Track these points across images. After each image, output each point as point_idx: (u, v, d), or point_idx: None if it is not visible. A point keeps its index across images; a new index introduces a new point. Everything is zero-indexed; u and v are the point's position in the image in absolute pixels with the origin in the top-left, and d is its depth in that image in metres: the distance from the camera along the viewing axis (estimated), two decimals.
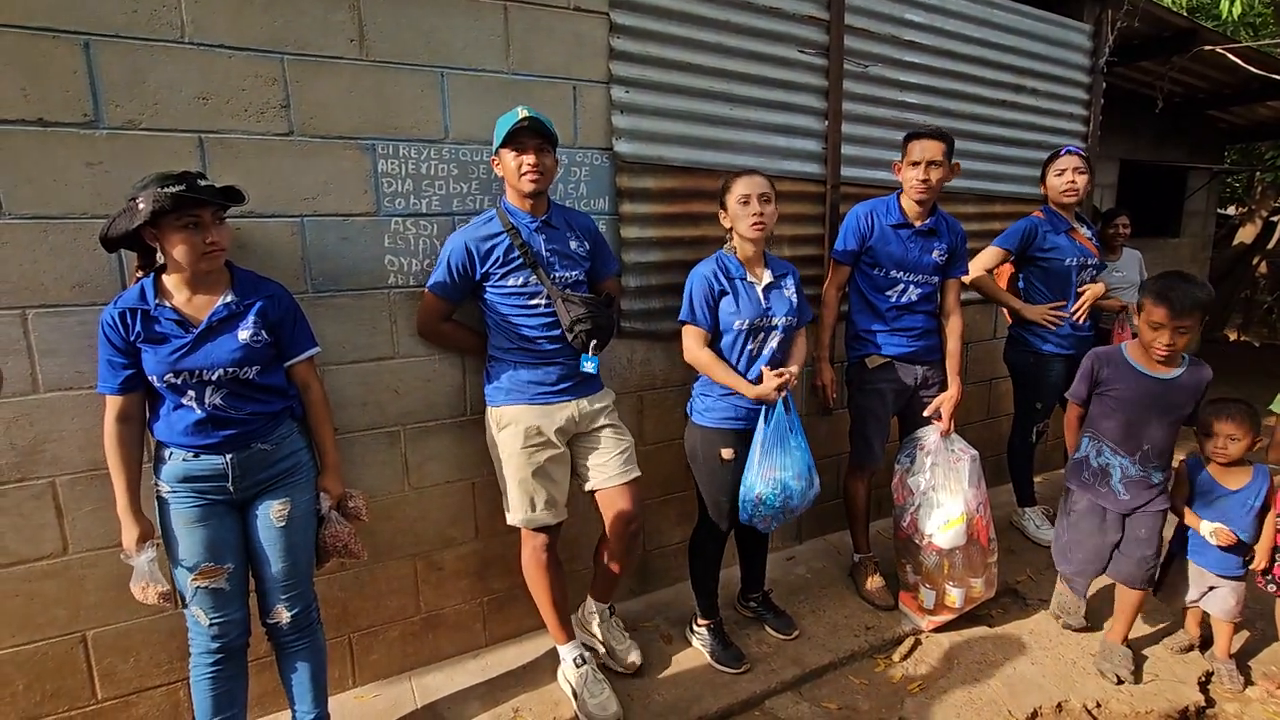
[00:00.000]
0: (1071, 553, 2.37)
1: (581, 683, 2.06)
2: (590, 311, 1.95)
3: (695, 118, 2.46)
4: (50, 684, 1.79)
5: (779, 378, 2.04)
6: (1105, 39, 3.53)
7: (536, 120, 1.82)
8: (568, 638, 2.13)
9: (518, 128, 1.82)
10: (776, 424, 2.07)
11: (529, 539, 2.06)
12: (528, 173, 1.87)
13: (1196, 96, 5.08)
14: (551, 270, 1.96)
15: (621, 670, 2.21)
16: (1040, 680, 2.26)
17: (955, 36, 3.06)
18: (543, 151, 1.87)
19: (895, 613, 2.56)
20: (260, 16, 1.78)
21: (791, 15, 2.61)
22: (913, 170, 2.37)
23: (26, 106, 1.58)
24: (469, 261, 1.92)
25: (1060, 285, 2.90)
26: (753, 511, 2.10)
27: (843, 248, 2.51)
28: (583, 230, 2.08)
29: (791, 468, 2.07)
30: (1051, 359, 2.93)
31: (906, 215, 2.45)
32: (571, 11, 2.19)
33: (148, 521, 1.62)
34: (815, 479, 2.15)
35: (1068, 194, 2.82)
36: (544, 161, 1.88)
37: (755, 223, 2.05)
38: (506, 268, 1.92)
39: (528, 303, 1.95)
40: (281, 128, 1.84)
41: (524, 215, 1.96)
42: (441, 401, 2.16)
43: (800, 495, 2.10)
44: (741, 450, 2.13)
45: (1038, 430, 3.07)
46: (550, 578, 2.06)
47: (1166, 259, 5.26)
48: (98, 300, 1.66)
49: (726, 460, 2.14)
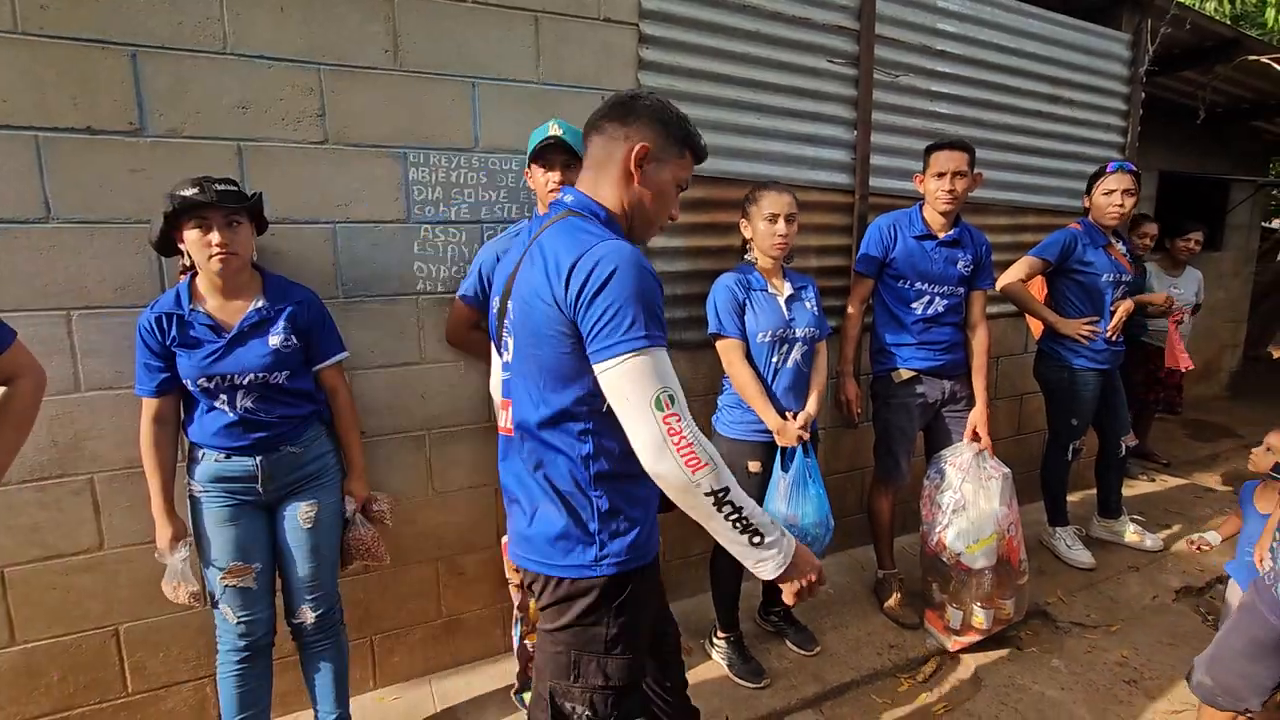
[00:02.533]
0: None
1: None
2: None
3: (723, 128, 2.46)
4: (84, 676, 1.84)
5: (801, 428, 2.05)
6: (1145, 48, 3.46)
7: (562, 139, 1.83)
8: None
9: (545, 145, 1.84)
10: (797, 470, 2.06)
11: None
12: (555, 190, 1.88)
13: (1240, 107, 4.94)
14: None
15: None
16: (1071, 706, 2.19)
17: (988, 46, 3.02)
18: (569, 169, 1.88)
19: (920, 631, 2.51)
20: (299, 28, 1.82)
21: (821, 25, 2.60)
22: (937, 181, 2.34)
23: (76, 115, 1.64)
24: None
25: (1095, 300, 2.84)
26: None
27: (865, 260, 2.49)
28: None
29: (812, 515, 2.06)
30: (1085, 374, 2.86)
31: (930, 226, 2.42)
32: (601, 22, 2.20)
33: (181, 522, 1.66)
34: (831, 524, 2.12)
35: (1112, 215, 2.78)
36: (570, 178, 1.88)
37: (779, 242, 2.07)
38: None
39: None
40: (317, 136, 1.88)
41: None
42: (466, 407, 2.18)
43: (819, 542, 2.08)
44: (768, 462, 2.11)
45: (1073, 448, 2.99)
46: None
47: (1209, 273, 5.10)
48: (139, 302, 1.71)
49: (754, 473, 2.12)
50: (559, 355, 1.13)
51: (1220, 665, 1.67)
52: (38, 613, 1.77)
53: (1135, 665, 2.38)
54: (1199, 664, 1.73)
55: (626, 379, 1.06)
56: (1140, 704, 2.21)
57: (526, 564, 1.25)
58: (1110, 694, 2.25)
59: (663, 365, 1.07)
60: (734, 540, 1.14)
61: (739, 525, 1.12)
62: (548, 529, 1.20)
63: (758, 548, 1.14)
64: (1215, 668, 1.68)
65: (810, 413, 2.13)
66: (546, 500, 1.21)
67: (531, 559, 1.24)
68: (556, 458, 1.19)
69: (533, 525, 1.23)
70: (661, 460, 1.06)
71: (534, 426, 1.19)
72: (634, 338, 1.06)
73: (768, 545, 1.15)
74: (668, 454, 1.05)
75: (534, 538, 1.22)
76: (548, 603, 1.24)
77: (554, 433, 1.18)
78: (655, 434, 1.05)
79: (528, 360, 1.18)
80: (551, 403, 1.16)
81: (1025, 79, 3.16)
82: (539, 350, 1.15)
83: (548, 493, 1.20)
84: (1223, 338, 5.92)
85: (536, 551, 1.22)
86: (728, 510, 1.11)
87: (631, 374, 1.06)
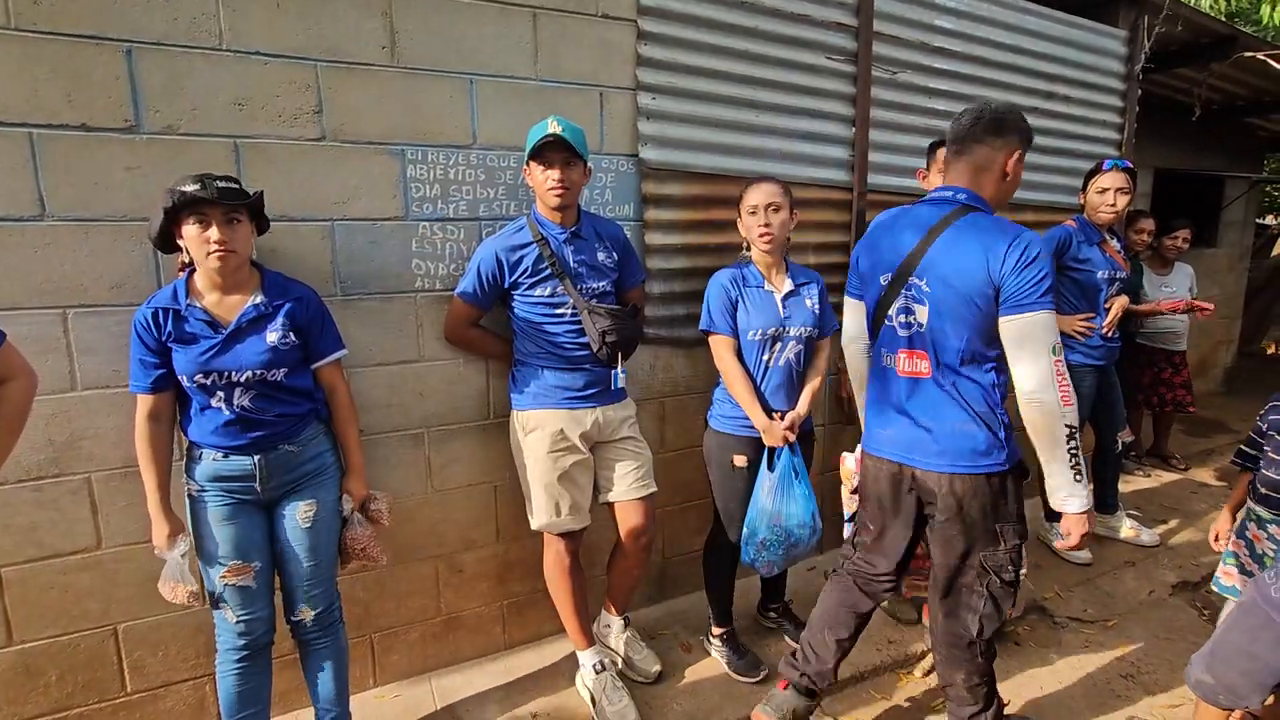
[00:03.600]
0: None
1: (600, 689, 2.05)
2: (616, 324, 1.95)
3: (722, 124, 2.46)
4: (82, 676, 1.83)
5: (788, 429, 2.05)
6: (1141, 45, 3.46)
7: (561, 137, 1.82)
8: (588, 644, 2.13)
9: (544, 143, 1.83)
10: (783, 469, 2.06)
11: (552, 544, 2.06)
12: (553, 188, 1.88)
13: (1235, 104, 4.94)
14: (580, 281, 1.97)
15: (642, 680, 2.19)
16: (1069, 701, 2.20)
17: (985, 43, 3.02)
18: (569, 166, 1.88)
19: (918, 627, 2.51)
20: (295, 24, 1.81)
21: (820, 22, 2.59)
22: (940, 178, 2.33)
23: (71, 112, 1.63)
24: (498, 270, 1.93)
25: (1090, 297, 2.86)
26: (755, 555, 2.10)
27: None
28: (611, 240, 2.08)
29: (796, 516, 2.06)
30: (1081, 371, 2.87)
31: None
32: (600, 19, 2.20)
33: (177, 519, 1.65)
34: (819, 525, 2.12)
35: (1105, 213, 2.79)
36: (569, 176, 1.88)
37: (762, 233, 2.05)
38: (535, 278, 1.93)
39: (554, 312, 1.96)
40: (314, 133, 1.87)
41: (554, 226, 1.97)
42: (465, 405, 2.17)
43: (804, 542, 2.09)
44: (755, 458, 2.12)
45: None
46: (573, 583, 2.06)
47: (1203, 269, 5.12)
48: (135, 301, 1.69)
49: (739, 467, 2.13)
50: (982, 314, 1.56)
51: (1220, 663, 1.67)
52: (35, 613, 1.76)
53: (1132, 660, 2.40)
54: (1197, 661, 1.73)
55: (1038, 327, 1.51)
56: (1138, 697, 2.22)
57: (946, 469, 1.64)
58: (1108, 688, 2.26)
59: (1054, 323, 1.52)
60: (1063, 469, 1.55)
61: (1073, 458, 1.54)
62: (967, 441, 1.62)
63: (1077, 483, 1.55)
64: (1215, 666, 1.68)
65: (800, 413, 2.11)
66: (967, 419, 1.62)
67: (959, 465, 1.63)
68: (974, 387, 1.62)
69: (950, 440, 1.63)
70: (1047, 391, 1.50)
71: (957, 366, 1.62)
72: (1047, 300, 1.50)
73: (1083, 485, 1.56)
74: (1052, 387, 1.50)
75: (950, 450, 1.63)
76: (970, 495, 1.63)
77: (972, 369, 1.62)
78: (1048, 371, 1.50)
79: (951, 318, 1.60)
80: (973, 347, 1.59)
81: (1023, 76, 3.16)
82: (965, 310, 1.57)
83: (968, 413, 1.62)
84: (1217, 334, 5.95)
85: (961, 458, 1.63)
86: (1072, 445, 1.53)
87: (1042, 324, 1.51)
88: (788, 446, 2.06)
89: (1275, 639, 1.56)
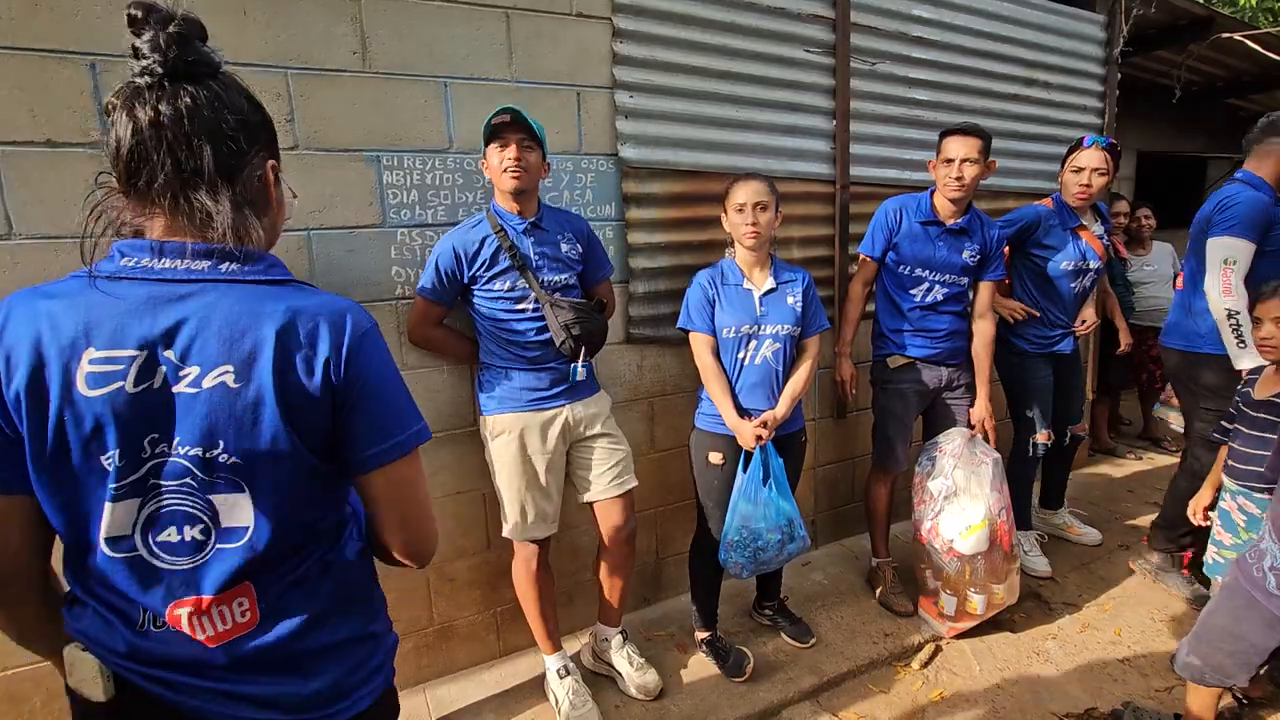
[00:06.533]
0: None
1: (565, 694, 2.05)
2: (579, 317, 1.91)
3: (701, 121, 2.44)
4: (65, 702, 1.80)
5: (759, 428, 2.00)
6: (1119, 29, 3.46)
7: (517, 112, 1.78)
8: (554, 648, 2.12)
9: (498, 122, 1.78)
10: (751, 472, 2.04)
11: (520, 549, 2.05)
12: (509, 167, 1.81)
13: (1215, 85, 4.97)
14: (540, 274, 1.92)
15: (643, 698, 2.14)
16: (1066, 687, 2.20)
17: (963, 31, 3.01)
18: (525, 147, 1.82)
19: (915, 619, 2.51)
20: (263, 32, 1.78)
21: (797, 15, 2.58)
22: (946, 168, 2.30)
23: (34, 128, 1.59)
24: (456, 264, 1.89)
25: (1045, 289, 2.71)
26: (726, 554, 2.10)
27: (869, 242, 2.46)
28: (575, 233, 2.04)
29: (768, 520, 2.04)
30: (1035, 360, 2.75)
31: (938, 213, 2.39)
32: (574, 18, 2.18)
33: None
34: (797, 534, 2.10)
35: (1078, 195, 2.62)
36: (526, 157, 1.83)
37: (749, 231, 2.02)
38: (494, 270, 1.89)
39: (515, 306, 1.91)
40: (287, 142, 1.84)
41: (512, 217, 1.92)
42: (450, 412, 2.15)
43: (775, 547, 2.07)
44: (733, 457, 2.10)
45: (1033, 442, 2.74)
46: (539, 589, 2.05)
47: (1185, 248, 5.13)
48: None
49: (714, 464, 2.11)
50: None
51: (1206, 644, 1.68)
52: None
53: (1128, 644, 2.40)
54: (1183, 646, 1.75)
55: (1225, 248, 2.37)
56: (1134, 681, 2.22)
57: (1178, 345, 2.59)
58: (1104, 673, 2.26)
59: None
60: (1229, 341, 2.31)
61: (1235, 332, 2.29)
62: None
63: (1242, 350, 2.28)
64: (1201, 647, 1.69)
65: (776, 415, 2.05)
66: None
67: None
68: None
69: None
70: (1213, 288, 2.34)
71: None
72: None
73: (1248, 350, 2.24)
74: (1216, 283, 2.34)
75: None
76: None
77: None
78: (1219, 276, 2.33)
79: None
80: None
81: (1002, 63, 3.15)
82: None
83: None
84: None
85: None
86: (1232, 325, 2.29)
87: (1229, 241, 2.35)
88: (760, 450, 2.04)
89: (1259, 619, 1.57)
